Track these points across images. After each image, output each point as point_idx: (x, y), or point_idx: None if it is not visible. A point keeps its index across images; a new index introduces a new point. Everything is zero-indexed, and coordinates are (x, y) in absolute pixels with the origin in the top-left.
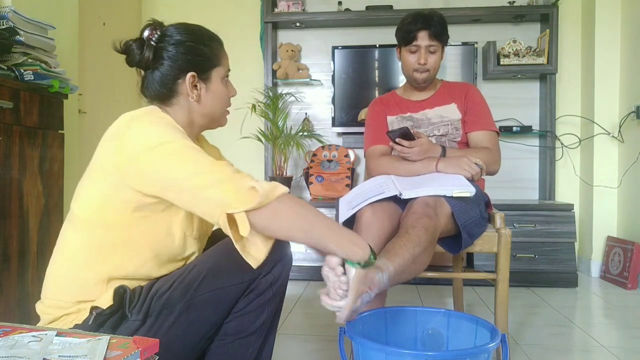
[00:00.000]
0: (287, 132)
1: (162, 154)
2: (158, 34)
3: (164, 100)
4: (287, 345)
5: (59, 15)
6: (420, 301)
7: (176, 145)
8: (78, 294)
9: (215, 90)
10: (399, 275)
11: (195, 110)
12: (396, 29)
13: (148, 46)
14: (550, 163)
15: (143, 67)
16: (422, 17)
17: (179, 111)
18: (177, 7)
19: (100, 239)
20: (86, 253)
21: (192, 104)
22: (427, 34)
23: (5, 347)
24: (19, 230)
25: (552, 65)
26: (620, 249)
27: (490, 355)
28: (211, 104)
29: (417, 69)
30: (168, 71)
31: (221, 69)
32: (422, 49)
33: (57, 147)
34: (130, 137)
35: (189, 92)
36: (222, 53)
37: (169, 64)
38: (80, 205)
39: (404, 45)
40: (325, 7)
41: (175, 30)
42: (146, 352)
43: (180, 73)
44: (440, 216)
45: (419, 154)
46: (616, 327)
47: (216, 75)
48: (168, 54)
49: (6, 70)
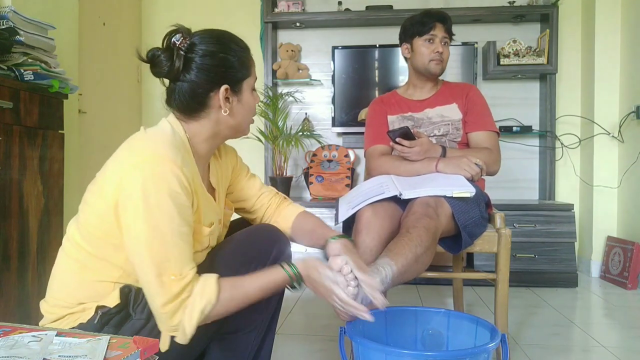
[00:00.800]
0: (287, 132)
1: (142, 233)
2: (188, 43)
3: (191, 113)
4: (287, 345)
5: (59, 15)
6: (420, 301)
7: (156, 234)
8: (84, 295)
9: (246, 101)
10: (402, 275)
11: (223, 122)
12: (405, 25)
13: (178, 56)
14: (550, 163)
15: (172, 78)
16: (435, 12)
17: (206, 124)
18: (177, 7)
19: (106, 245)
20: (93, 258)
21: (222, 116)
22: (442, 27)
23: (5, 347)
24: (19, 230)
25: (552, 65)
26: (620, 249)
27: (490, 355)
28: (242, 116)
29: (434, 58)
30: (200, 84)
31: (251, 80)
32: (439, 38)
33: (57, 147)
34: (126, 198)
35: (221, 105)
36: (251, 62)
37: (200, 77)
38: (85, 216)
39: (420, 35)
40: (325, 7)
41: (204, 39)
42: (146, 352)
43: (213, 86)
44: (441, 216)
45: (419, 154)
46: (616, 327)
47: (247, 86)
48: (198, 65)
49: (6, 70)
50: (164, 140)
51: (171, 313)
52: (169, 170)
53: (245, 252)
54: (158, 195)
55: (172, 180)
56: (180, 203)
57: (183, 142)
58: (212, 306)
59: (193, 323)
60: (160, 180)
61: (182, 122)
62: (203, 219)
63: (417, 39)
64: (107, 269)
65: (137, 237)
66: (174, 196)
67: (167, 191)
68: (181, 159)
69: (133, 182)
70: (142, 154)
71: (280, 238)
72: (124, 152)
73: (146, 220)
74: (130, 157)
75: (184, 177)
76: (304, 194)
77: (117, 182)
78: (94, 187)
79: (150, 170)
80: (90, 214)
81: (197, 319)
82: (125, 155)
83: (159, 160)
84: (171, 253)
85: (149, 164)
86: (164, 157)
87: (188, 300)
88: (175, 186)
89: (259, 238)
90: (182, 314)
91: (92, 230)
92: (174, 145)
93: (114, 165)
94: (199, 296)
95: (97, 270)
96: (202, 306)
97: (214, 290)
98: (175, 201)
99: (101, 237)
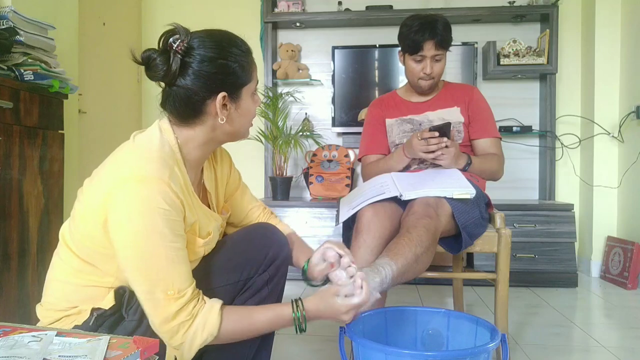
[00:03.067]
0: (287, 132)
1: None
2: (186, 46)
3: (185, 119)
4: (287, 345)
5: (59, 15)
6: (420, 301)
7: (146, 256)
8: (79, 299)
9: (245, 107)
10: (402, 275)
11: (219, 129)
12: (400, 33)
13: (174, 60)
14: (550, 163)
15: (167, 82)
16: (428, 26)
17: (200, 131)
18: (176, 7)
19: (96, 255)
20: (86, 264)
21: (218, 123)
22: (433, 44)
23: (5, 347)
24: (19, 230)
25: (552, 65)
26: (620, 249)
27: (490, 355)
28: (240, 122)
29: (422, 77)
30: (196, 91)
31: (252, 85)
32: (428, 59)
33: (57, 147)
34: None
35: (217, 113)
36: (252, 66)
37: (197, 83)
38: (75, 224)
39: (409, 54)
40: (325, 7)
41: (204, 42)
42: (146, 352)
43: (210, 94)
44: (441, 216)
45: (452, 157)
46: (616, 327)
47: (247, 92)
48: (196, 72)
49: (6, 70)
50: (151, 155)
51: (170, 334)
52: (156, 189)
53: (240, 254)
54: (145, 218)
55: (159, 199)
56: (169, 219)
57: (172, 152)
58: (213, 338)
59: (192, 352)
60: (146, 201)
61: (175, 127)
62: (199, 231)
63: (407, 55)
64: (100, 275)
65: (127, 259)
66: (162, 214)
67: (155, 211)
68: (168, 173)
69: (118, 204)
70: (128, 171)
71: (276, 239)
72: (112, 166)
73: (134, 245)
74: (116, 172)
75: (172, 192)
76: (304, 194)
77: (103, 199)
78: (83, 196)
79: (135, 192)
80: (80, 222)
81: (197, 348)
82: (112, 170)
83: (143, 180)
84: (166, 272)
85: (134, 185)
86: (149, 176)
87: (190, 328)
88: (163, 204)
89: (255, 239)
90: (181, 338)
91: (81, 239)
92: (161, 159)
93: (101, 178)
94: (201, 329)
95: (91, 276)
96: (203, 339)
97: (216, 323)
98: (164, 218)
99: (91, 247)
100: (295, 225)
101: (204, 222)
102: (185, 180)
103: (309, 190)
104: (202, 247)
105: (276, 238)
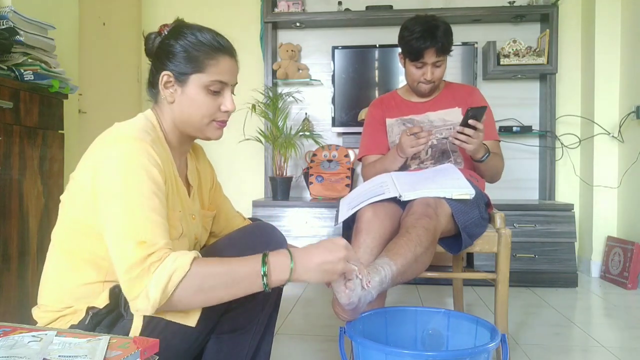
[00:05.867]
0: (287, 132)
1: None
2: (169, 30)
3: (153, 96)
4: (287, 345)
5: (59, 15)
6: (420, 301)
7: (130, 203)
8: (74, 298)
9: (192, 95)
10: (401, 275)
11: (174, 112)
12: (400, 37)
13: (155, 39)
14: (550, 163)
15: (149, 58)
16: (429, 33)
17: (166, 112)
18: (177, 7)
19: (87, 239)
20: (77, 259)
21: (169, 105)
22: (434, 51)
23: (5, 347)
24: (19, 230)
25: (552, 65)
26: (620, 249)
27: (490, 355)
28: (187, 108)
29: (422, 82)
30: (153, 65)
31: (203, 77)
32: (429, 65)
33: (57, 147)
34: (102, 176)
35: (161, 90)
36: (212, 62)
37: (155, 59)
38: (63, 217)
39: (410, 60)
40: (325, 7)
41: (180, 28)
42: (146, 352)
43: (157, 70)
44: (441, 216)
45: (479, 143)
46: (616, 327)
47: (196, 80)
48: (159, 50)
49: (6, 70)
50: (134, 125)
51: (136, 277)
52: (140, 147)
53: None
54: (132, 167)
55: (143, 155)
56: (153, 177)
57: (154, 127)
58: (183, 273)
59: (159, 287)
60: (134, 154)
61: (153, 106)
62: (172, 205)
63: (408, 60)
64: (93, 269)
65: (108, 208)
66: (147, 169)
67: (141, 165)
68: (150, 139)
69: (108, 159)
70: (114, 138)
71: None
72: (96, 144)
73: (122, 193)
74: (102, 144)
75: (155, 153)
76: (303, 194)
77: (92, 166)
78: (70, 185)
79: (123, 148)
80: (70, 208)
81: (164, 283)
82: (97, 145)
83: (127, 139)
84: (145, 222)
85: (121, 144)
86: (132, 136)
87: (158, 266)
88: (146, 162)
89: (253, 237)
90: (148, 279)
91: (72, 226)
92: (143, 129)
93: (87, 157)
94: (171, 261)
95: (82, 273)
96: (172, 270)
97: (188, 259)
98: (149, 175)
99: (81, 230)
100: (295, 225)
101: (178, 202)
102: (169, 156)
103: (309, 190)
104: (179, 222)
105: (275, 236)
